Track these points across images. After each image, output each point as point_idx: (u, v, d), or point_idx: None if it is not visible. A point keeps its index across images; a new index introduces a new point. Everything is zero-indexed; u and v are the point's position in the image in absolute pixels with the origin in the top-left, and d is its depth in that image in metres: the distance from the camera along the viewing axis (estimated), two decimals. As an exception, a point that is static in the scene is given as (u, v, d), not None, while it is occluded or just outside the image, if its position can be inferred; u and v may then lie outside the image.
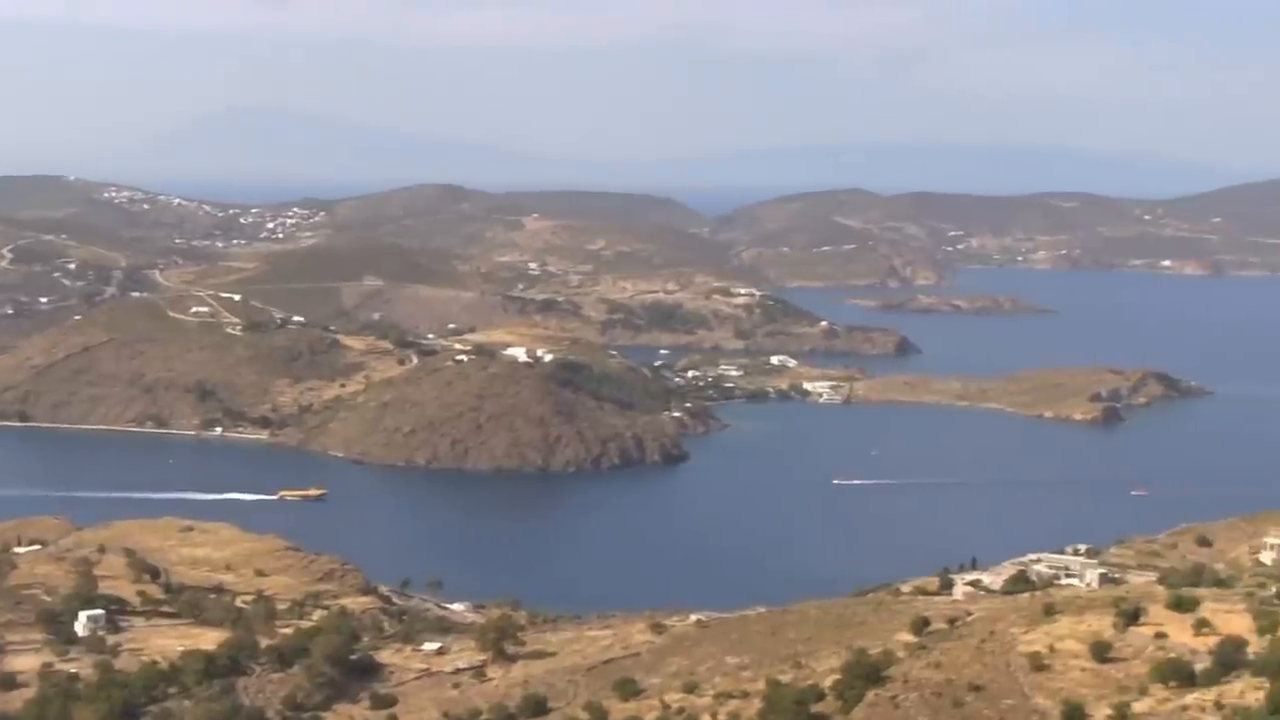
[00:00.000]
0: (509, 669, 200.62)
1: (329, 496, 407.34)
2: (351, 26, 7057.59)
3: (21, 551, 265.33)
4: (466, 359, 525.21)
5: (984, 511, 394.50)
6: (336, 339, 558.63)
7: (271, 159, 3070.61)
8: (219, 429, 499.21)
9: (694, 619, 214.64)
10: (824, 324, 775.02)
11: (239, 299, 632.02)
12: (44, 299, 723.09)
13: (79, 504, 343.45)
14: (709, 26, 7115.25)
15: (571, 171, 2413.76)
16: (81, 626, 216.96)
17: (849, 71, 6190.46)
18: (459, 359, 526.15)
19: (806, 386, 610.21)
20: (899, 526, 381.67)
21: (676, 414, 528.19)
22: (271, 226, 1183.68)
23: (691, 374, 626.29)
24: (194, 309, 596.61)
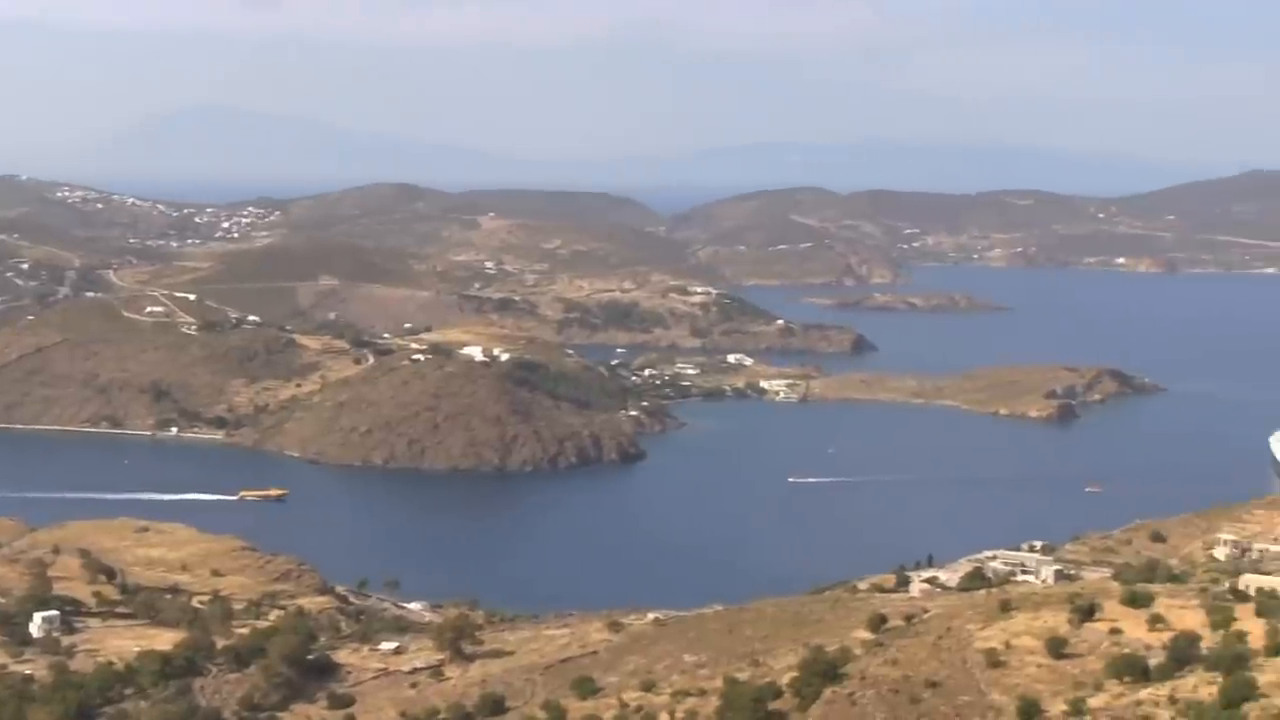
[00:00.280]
0: (466, 668, 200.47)
1: (289, 497, 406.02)
2: (309, 25, 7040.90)
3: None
4: (423, 358, 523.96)
5: (940, 509, 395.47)
6: (292, 339, 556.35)
7: (226, 158, 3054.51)
8: (174, 429, 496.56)
9: (651, 617, 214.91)
10: (780, 322, 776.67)
11: (194, 299, 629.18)
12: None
13: (33, 505, 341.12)
14: (669, 26, 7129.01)
15: (531, 171, 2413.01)
16: (36, 628, 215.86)
17: (808, 71, 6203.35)
18: (415, 358, 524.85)
19: (763, 385, 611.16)
20: (855, 524, 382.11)
21: (633, 413, 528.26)
22: (226, 226, 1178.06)
23: (648, 373, 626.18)
24: (149, 309, 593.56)
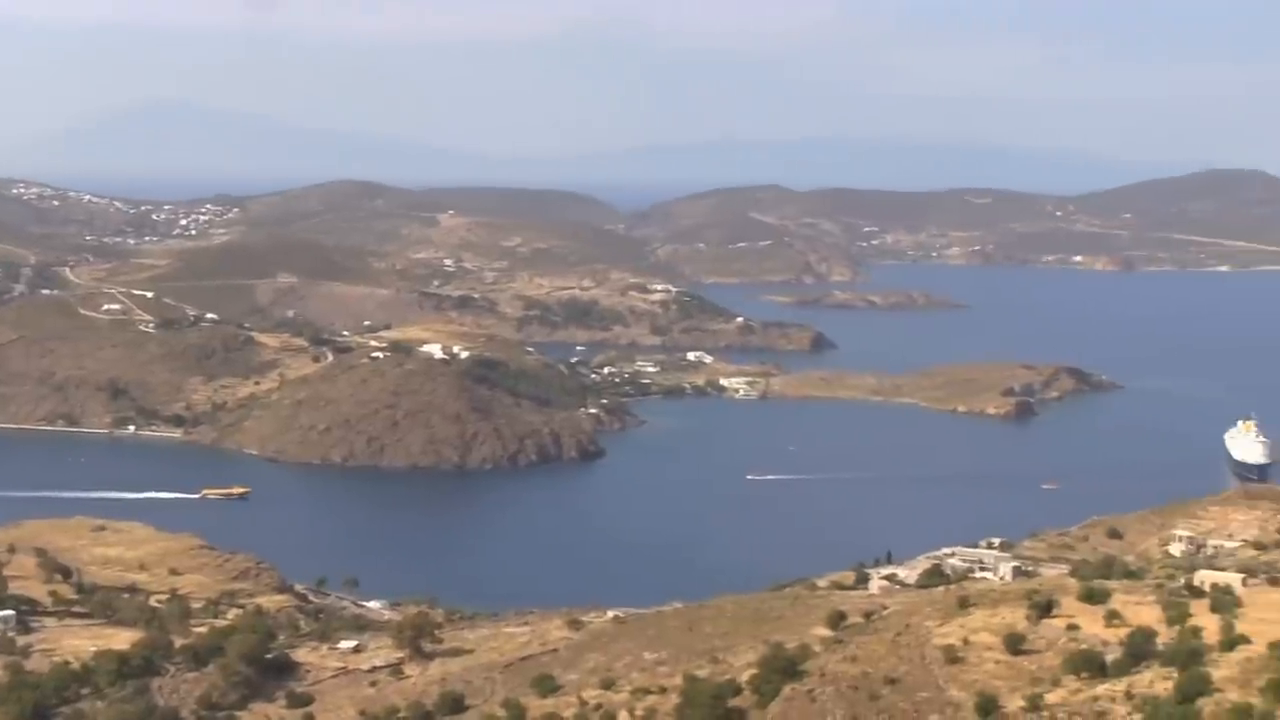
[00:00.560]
0: (426, 667, 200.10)
1: (252, 495, 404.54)
2: (266, 22, 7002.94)
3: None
4: (382, 356, 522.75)
5: (899, 506, 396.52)
6: (251, 336, 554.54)
7: (184, 155, 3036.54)
8: (131, 427, 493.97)
9: (611, 615, 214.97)
10: (740, 320, 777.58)
11: (151, 296, 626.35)
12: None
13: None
14: (628, 23, 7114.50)
15: (490, 168, 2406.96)
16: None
17: (769, 68, 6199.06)
18: (374, 356, 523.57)
19: (723, 382, 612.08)
20: (815, 521, 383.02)
21: (593, 411, 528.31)
22: (184, 223, 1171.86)
23: (608, 370, 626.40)
24: (105, 306, 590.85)
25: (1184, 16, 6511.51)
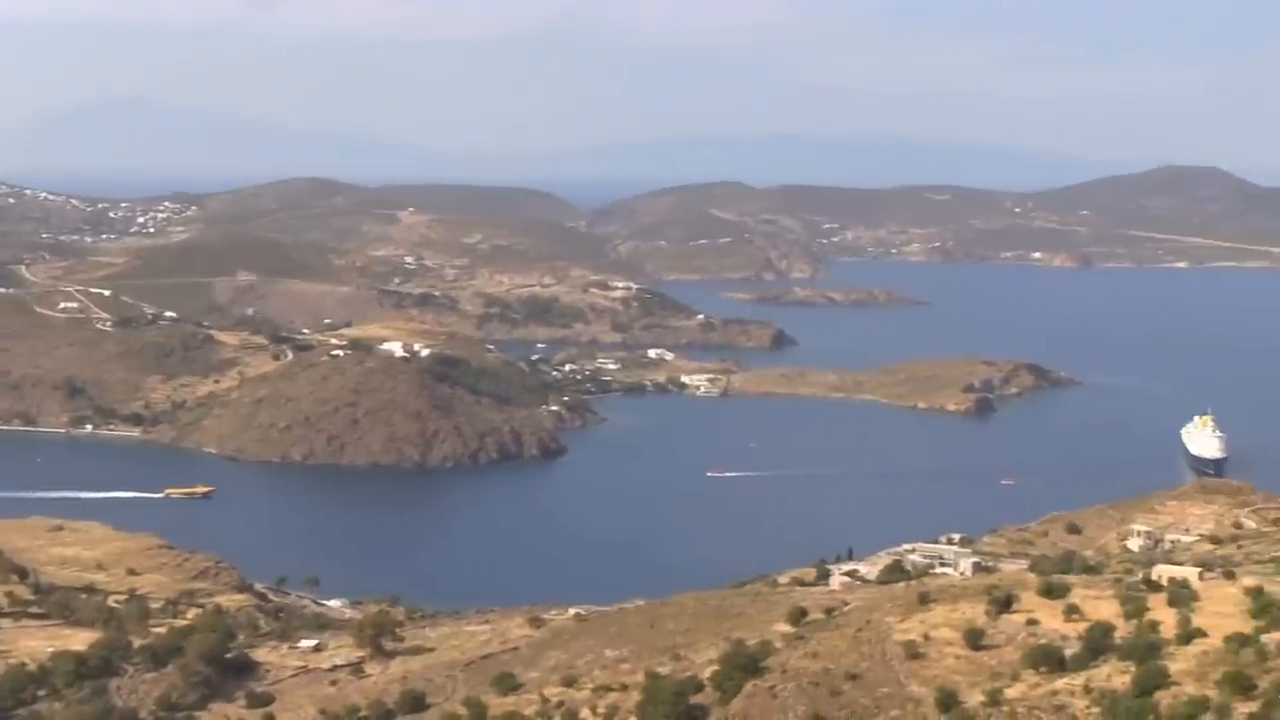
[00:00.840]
0: (387, 665, 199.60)
1: (215, 494, 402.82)
2: (222, 19, 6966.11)
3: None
4: (342, 354, 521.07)
5: (860, 502, 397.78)
6: (209, 334, 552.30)
7: (140, 152, 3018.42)
8: (89, 426, 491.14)
9: (572, 613, 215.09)
10: (701, 317, 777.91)
11: (109, 294, 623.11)
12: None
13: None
14: (585, 19, 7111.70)
15: (449, 165, 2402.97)
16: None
17: (725, 66, 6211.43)
18: (334, 354, 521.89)
19: (684, 380, 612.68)
20: (776, 518, 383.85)
21: (554, 408, 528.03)
22: (142, 221, 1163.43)
23: (569, 368, 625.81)
24: (62, 305, 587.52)
25: (1144, 16, 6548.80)
